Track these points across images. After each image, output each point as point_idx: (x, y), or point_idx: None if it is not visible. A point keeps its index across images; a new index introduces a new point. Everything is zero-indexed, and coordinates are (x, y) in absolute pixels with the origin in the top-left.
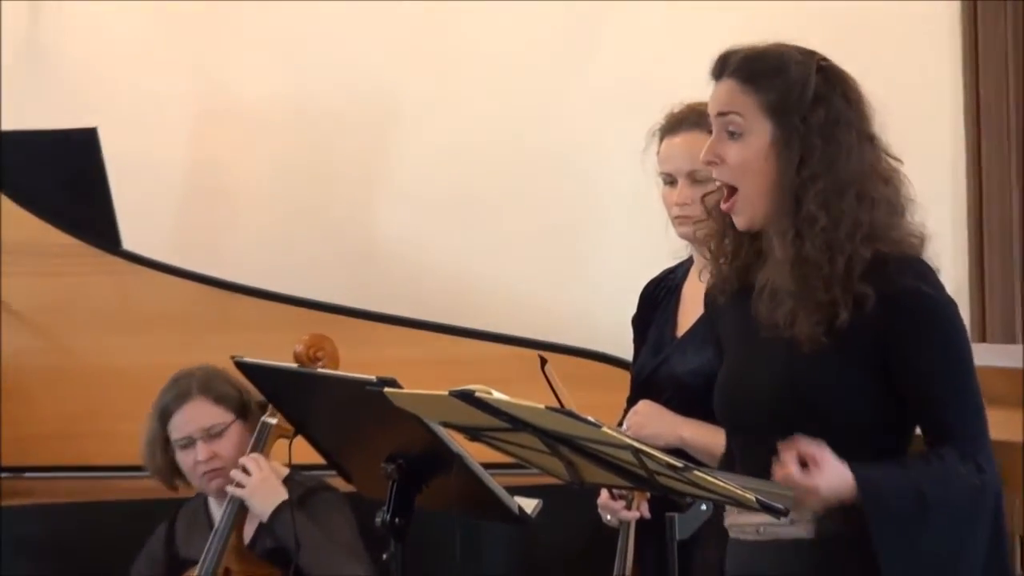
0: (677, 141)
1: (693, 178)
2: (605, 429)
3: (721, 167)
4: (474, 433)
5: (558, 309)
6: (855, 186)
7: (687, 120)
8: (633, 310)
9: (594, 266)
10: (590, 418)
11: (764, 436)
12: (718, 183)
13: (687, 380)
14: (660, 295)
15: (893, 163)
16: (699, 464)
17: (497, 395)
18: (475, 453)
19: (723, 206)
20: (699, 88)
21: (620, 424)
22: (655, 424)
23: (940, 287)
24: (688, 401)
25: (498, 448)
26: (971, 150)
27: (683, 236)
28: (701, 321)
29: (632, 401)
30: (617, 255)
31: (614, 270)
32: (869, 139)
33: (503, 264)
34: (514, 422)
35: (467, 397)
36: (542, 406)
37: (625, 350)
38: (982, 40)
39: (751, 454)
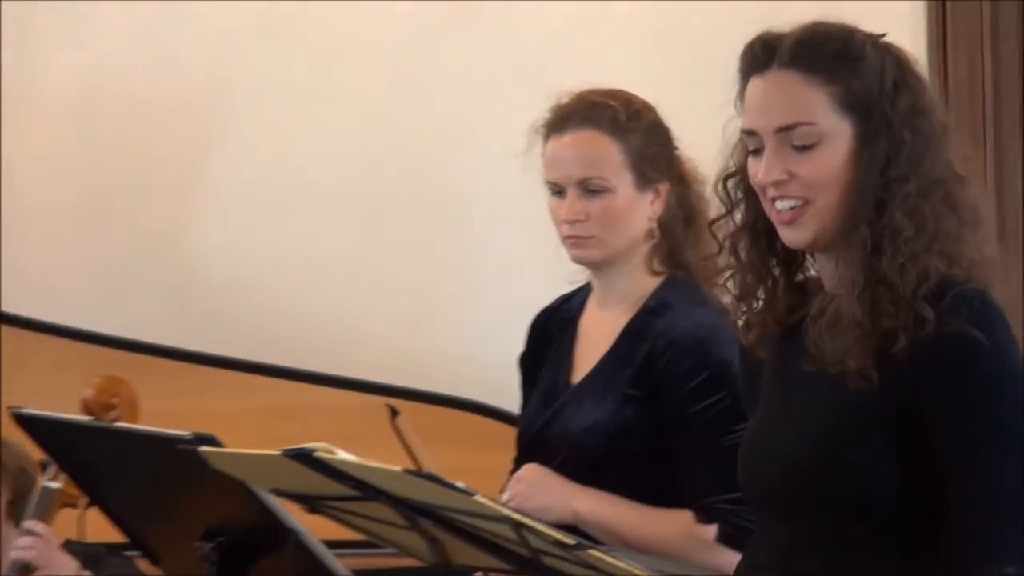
0: (565, 141)
1: (585, 187)
2: (478, 498)
3: (790, 184)
4: (314, 503)
5: (424, 347)
6: (942, 187)
7: (576, 115)
8: (519, 347)
9: (469, 293)
10: (459, 484)
11: (787, 513)
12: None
13: (583, 439)
14: (554, 329)
15: (967, 163)
16: (595, 542)
17: (342, 455)
18: (314, 528)
19: (780, 219)
20: (598, 75)
21: (501, 493)
22: (544, 494)
23: (1000, 335)
24: (585, 465)
25: (344, 522)
26: None
27: (577, 260)
28: (603, 364)
29: (518, 463)
30: (499, 280)
31: (495, 298)
32: (946, 130)
33: (355, 291)
34: (364, 489)
35: (304, 457)
36: (399, 468)
37: (508, 399)
38: (951, 39)
39: (771, 532)
